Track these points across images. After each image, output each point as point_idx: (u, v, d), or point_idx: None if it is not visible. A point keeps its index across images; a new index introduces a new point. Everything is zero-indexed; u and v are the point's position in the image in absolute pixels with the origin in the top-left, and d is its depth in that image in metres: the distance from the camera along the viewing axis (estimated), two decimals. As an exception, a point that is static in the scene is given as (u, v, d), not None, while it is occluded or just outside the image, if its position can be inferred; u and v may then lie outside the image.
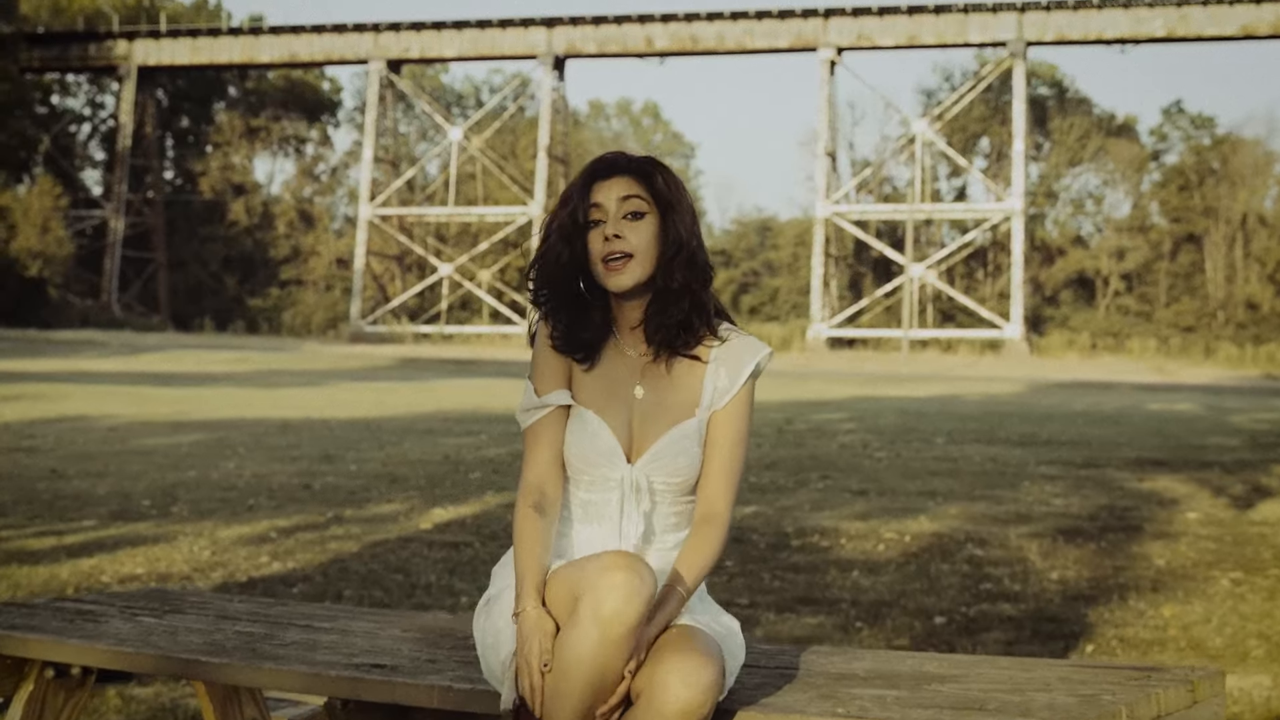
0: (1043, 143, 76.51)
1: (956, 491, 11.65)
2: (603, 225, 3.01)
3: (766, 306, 76.58)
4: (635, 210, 2.99)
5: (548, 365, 3.09)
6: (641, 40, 62.91)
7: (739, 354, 3.06)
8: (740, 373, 3.06)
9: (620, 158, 3.11)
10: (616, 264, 2.97)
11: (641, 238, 2.98)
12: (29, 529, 8.87)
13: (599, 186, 3.03)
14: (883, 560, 8.26)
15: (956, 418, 21.37)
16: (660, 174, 3.08)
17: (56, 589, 6.88)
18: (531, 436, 3.10)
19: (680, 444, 3.03)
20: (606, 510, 3.08)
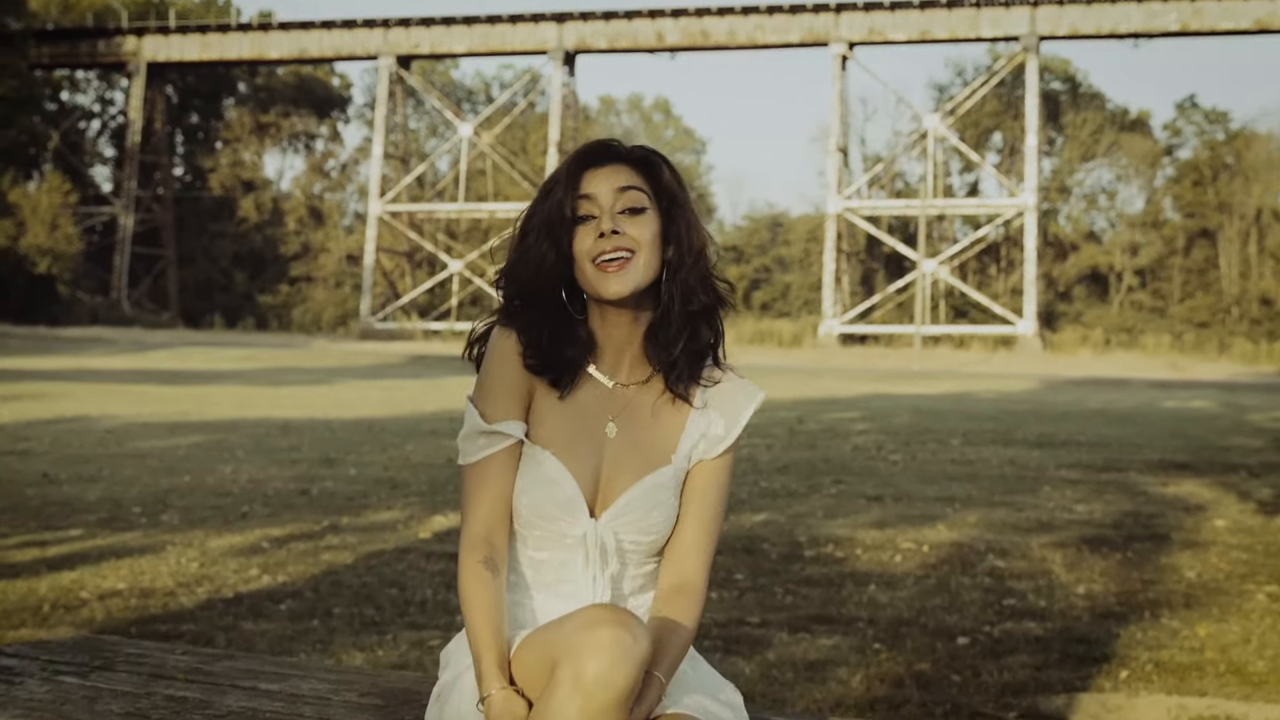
0: (1056, 138, 76.14)
1: (975, 497, 11.29)
2: (595, 220, 2.55)
3: (778, 303, 76.25)
4: (635, 205, 2.55)
5: (504, 386, 2.58)
6: (652, 35, 62.61)
7: (734, 398, 2.64)
8: (737, 420, 2.64)
9: (616, 144, 2.66)
10: (614, 265, 2.51)
11: (644, 233, 2.54)
12: (12, 539, 8.53)
13: (591, 175, 2.58)
14: (900, 573, 7.90)
15: (971, 417, 21.01)
16: (664, 166, 2.65)
17: (32, 605, 6.54)
18: (476, 476, 2.58)
19: (655, 495, 2.58)
20: (565, 573, 2.60)
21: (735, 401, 2.62)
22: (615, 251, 2.51)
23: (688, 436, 2.60)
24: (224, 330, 70.79)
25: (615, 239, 2.51)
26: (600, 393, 2.61)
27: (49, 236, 67.59)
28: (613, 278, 2.50)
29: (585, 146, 2.64)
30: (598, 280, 2.52)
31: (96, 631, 6.04)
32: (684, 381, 2.59)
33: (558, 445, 2.58)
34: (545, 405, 2.59)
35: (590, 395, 2.61)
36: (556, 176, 2.60)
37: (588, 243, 2.53)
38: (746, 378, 2.70)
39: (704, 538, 2.61)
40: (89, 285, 72.15)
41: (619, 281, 2.50)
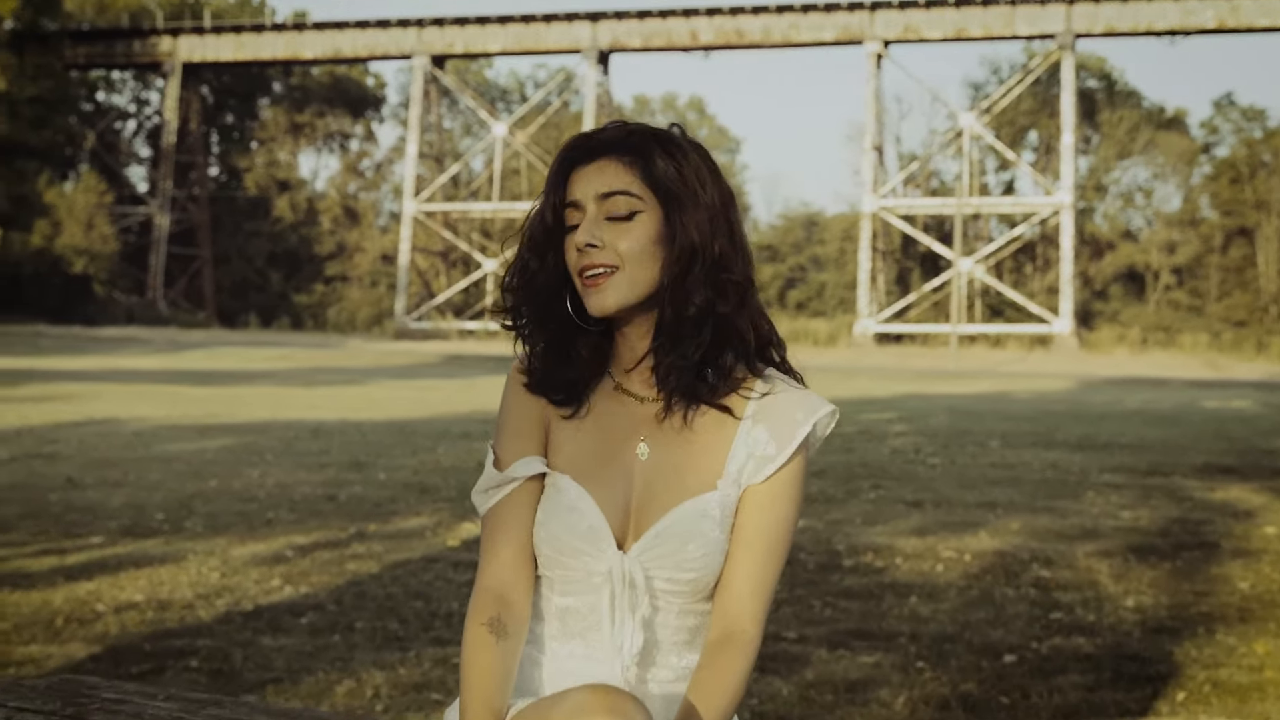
0: (1091, 136, 75.58)
1: (1017, 502, 11.01)
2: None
3: (813, 302, 75.92)
4: (618, 212, 2.23)
5: (517, 420, 2.33)
6: (686, 34, 62.35)
7: (788, 410, 2.27)
8: (789, 436, 2.26)
9: (606, 133, 2.30)
10: (593, 281, 2.22)
11: (631, 243, 2.22)
12: (31, 547, 8.34)
13: (578, 176, 2.28)
14: (942, 584, 7.65)
15: (1009, 418, 20.69)
16: (663, 153, 2.27)
17: (46, 618, 6.34)
18: (491, 524, 2.31)
19: (693, 525, 2.22)
20: (592, 619, 2.27)
21: (790, 415, 2.26)
22: (594, 267, 2.23)
23: (735, 456, 2.26)
24: (259, 330, 70.85)
25: (591, 254, 2.22)
26: (628, 411, 2.32)
27: (85, 236, 67.77)
28: (593, 293, 2.23)
29: (570, 141, 2.32)
30: (582, 295, 2.26)
31: (108, 648, 5.83)
32: (704, 395, 2.26)
33: (580, 469, 2.30)
34: (565, 429, 2.33)
35: (617, 413, 2.32)
36: (548, 175, 2.33)
37: (572, 255, 2.26)
38: (810, 388, 2.35)
39: (755, 579, 2.24)
40: (125, 285, 72.31)
41: (598, 298, 2.22)
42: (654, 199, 2.24)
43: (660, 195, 2.24)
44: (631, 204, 2.23)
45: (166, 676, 5.42)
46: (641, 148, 2.26)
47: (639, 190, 2.24)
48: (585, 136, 2.31)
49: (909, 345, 61.07)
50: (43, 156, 67.86)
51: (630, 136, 2.28)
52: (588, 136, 2.30)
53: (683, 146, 2.30)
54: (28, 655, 5.67)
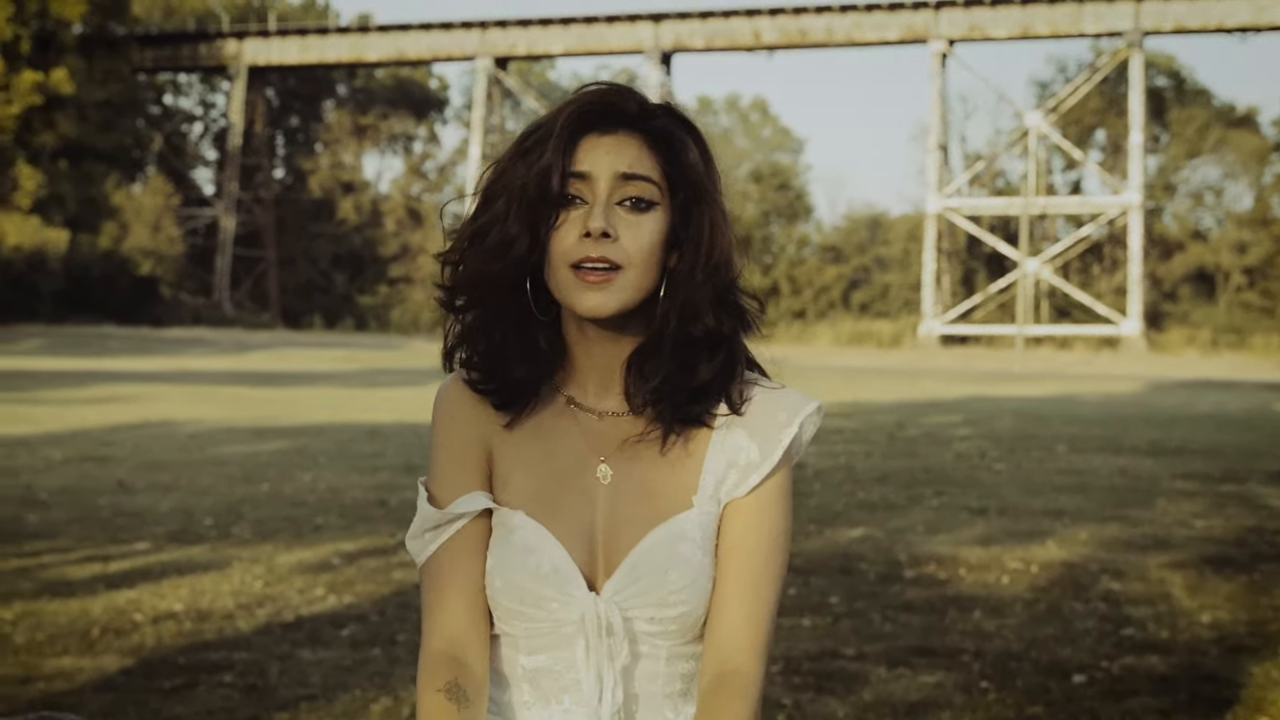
0: (1160, 134, 74.64)
1: (1085, 511, 10.69)
2: (584, 208, 1.91)
3: (877, 303, 75.38)
4: (640, 196, 1.91)
5: (454, 447, 2.00)
6: (749, 34, 62.05)
7: (769, 410, 1.98)
8: (774, 439, 1.97)
9: (629, 104, 1.96)
10: (595, 276, 1.88)
11: (641, 241, 1.90)
12: (76, 553, 8.20)
13: (592, 143, 1.93)
14: (1008, 597, 7.36)
15: (1076, 421, 20.31)
16: (694, 143, 1.96)
17: (82, 629, 6.17)
18: (432, 575, 1.98)
19: (671, 550, 1.93)
20: (569, 677, 1.96)
21: (772, 416, 1.97)
22: (600, 261, 1.88)
23: (711, 468, 1.96)
24: (324, 331, 71.06)
25: (603, 245, 1.88)
26: (584, 427, 1.99)
27: (152, 238, 68.20)
28: (591, 291, 1.88)
29: (589, 95, 1.95)
30: (572, 289, 1.89)
31: (142, 661, 5.65)
32: (675, 420, 1.96)
33: (534, 502, 1.97)
34: (511, 456, 1.99)
35: (570, 431, 2.00)
36: (544, 130, 1.93)
37: (569, 239, 1.90)
38: (789, 386, 2.04)
39: (748, 607, 1.94)
40: (191, 286, 72.70)
41: (599, 297, 1.88)
42: (668, 195, 1.94)
43: (681, 192, 1.94)
44: (652, 193, 1.92)
45: (198, 692, 5.23)
46: (671, 133, 1.96)
47: (660, 180, 1.93)
48: (604, 98, 1.95)
49: (974, 347, 60.49)
50: (110, 159, 68.29)
51: (655, 118, 1.96)
52: (608, 102, 1.95)
53: (704, 139, 2.00)
54: (59, 668, 5.50)
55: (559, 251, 1.90)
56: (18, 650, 5.78)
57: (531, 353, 1.96)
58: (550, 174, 1.89)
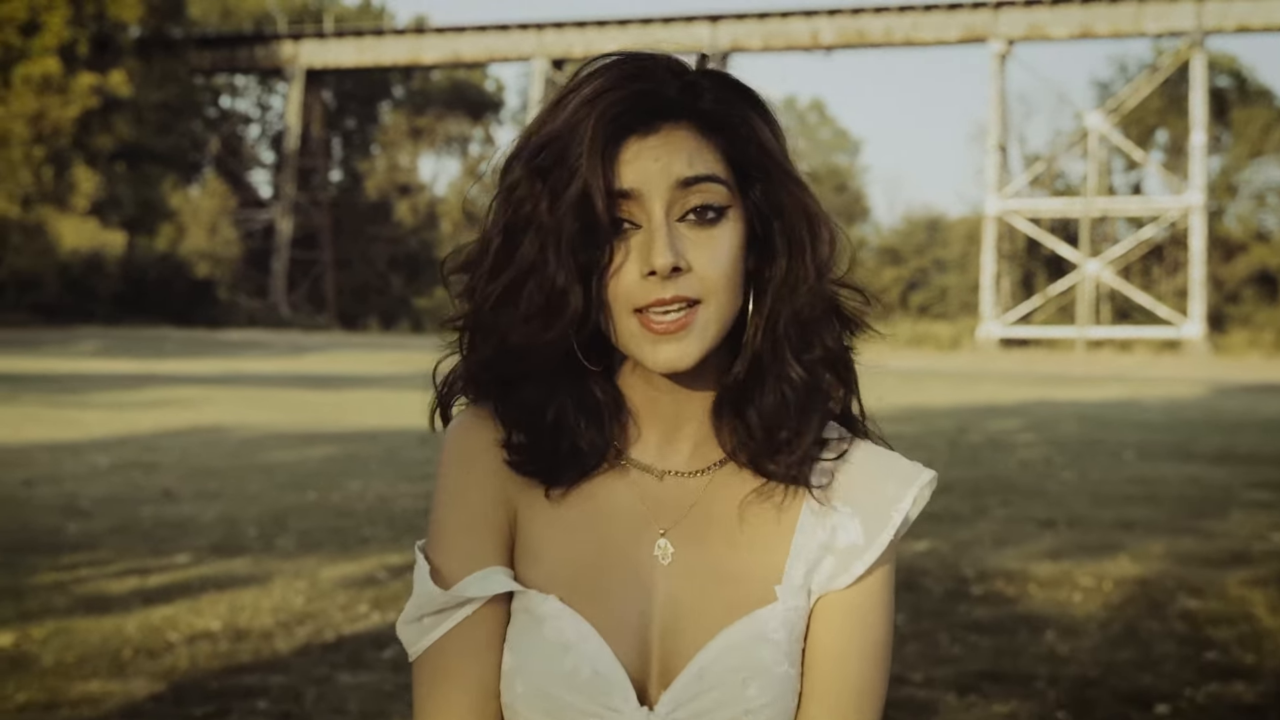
0: (1222, 135, 73.74)
1: (1157, 522, 10.31)
2: (638, 234, 1.45)
3: (936, 305, 74.84)
4: (708, 204, 1.47)
5: (467, 508, 1.54)
6: (807, 35, 61.64)
7: (875, 481, 1.55)
8: (882, 518, 1.53)
9: (666, 78, 1.49)
10: (669, 323, 1.44)
11: (720, 262, 1.46)
12: (115, 565, 7.98)
13: (633, 151, 1.46)
14: (1081, 616, 7.02)
15: (1142, 426, 19.84)
16: (759, 117, 1.52)
17: (114, 649, 5.92)
18: (429, 672, 1.53)
19: (750, 656, 1.49)
20: None
21: (879, 487, 1.54)
22: (675, 303, 1.44)
23: (800, 552, 1.53)
24: (380, 333, 71.10)
25: (676, 282, 1.44)
26: (640, 490, 1.55)
27: (209, 240, 68.48)
28: (667, 343, 1.44)
29: (614, 85, 1.47)
30: (641, 342, 1.45)
31: (173, 685, 5.39)
32: (789, 468, 1.52)
33: (571, 584, 1.53)
34: (544, 522, 1.55)
35: (622, 495, 1.55)
36: (563, 140, 1.46)
37: (628, 279, 1.45)
38: (896, 449, 1.60)
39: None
40: (247, 288, 72.90)
41: (677, 349, 1.44)
42: (739, 188, 1.50)
43: (756, 179, 1.51)
44: (721, 196, 1.48)
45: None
46: (728, 109, 1.51)
47: (726, 174, 1.49)
48: (635, 87, 1.47)
49: (1033, 349, 59.85)
50: (168, 162, 68.61)
51: (704, 91, 1.50)
52: (640, 91, 1.47)
53: (769, 109, 1.54)
54: (85, 693, 5.25)
55: (618, 296, 1.46)
56: (45, 673, 5.54)
57: (593, 419, 1.54)
58: (591, 199, 1.44)
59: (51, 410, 19.19)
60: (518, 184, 1.48)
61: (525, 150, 1.49)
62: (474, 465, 1.55)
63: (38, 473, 12.21)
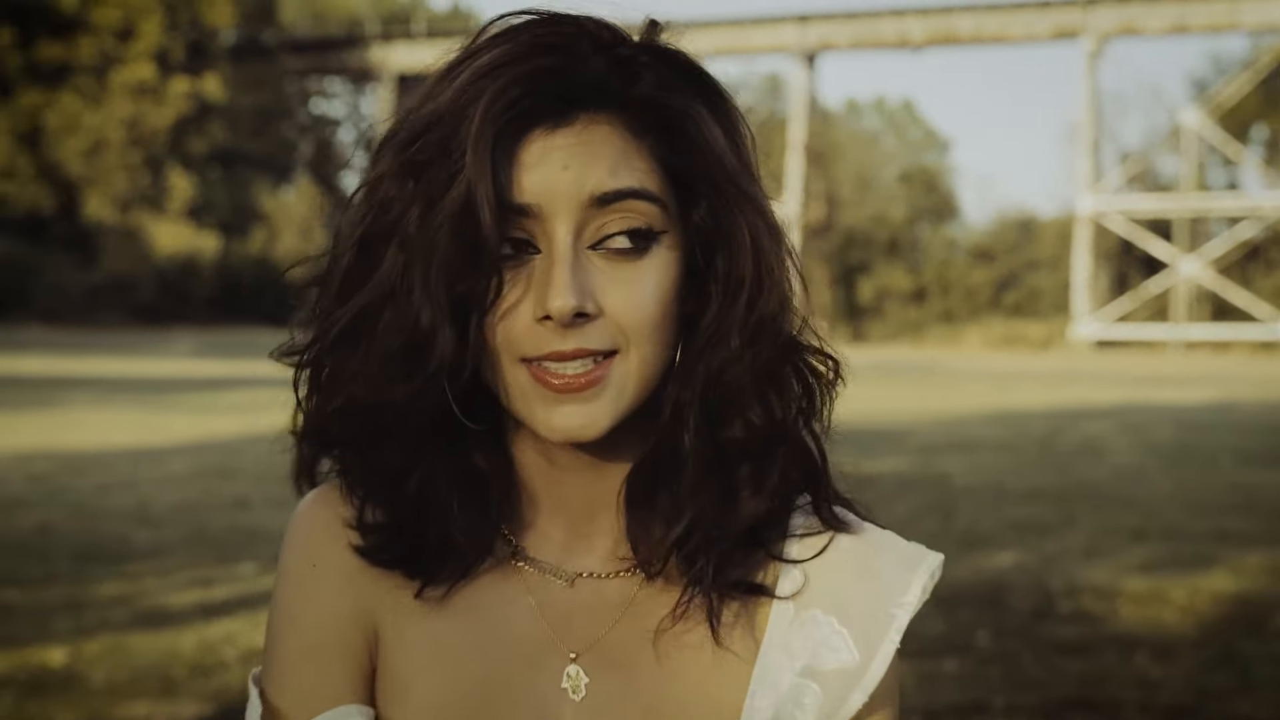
0: (1323, 130, 72.40)
1: (1255, 534, 9.92)
2: (533, 261, 1.11)
3: (1027, 304, 73.98)
4: (633, 229, 1.11)
5: (315, 623, 1.19)
6: (896, 34, 61.15)
7: (869, 574, 1.18)
8: (880, 624, 1.16)
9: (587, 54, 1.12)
10: (571, 379, 1.10)
11: (644, 304, 1.11)
12: (177, 577, 7.84)
13: (536, 149, 1.09)
14: (1174, 636, 6.70)
15: (1240, 431, 19.33)
16: (706, 100, 1.15)
17: (165, 667, 5.76)
18: None
19: None
20: None
21: (874, 582, 1.17)
22: (580, 356, 1.10)
23: (767, 682, 1.15)
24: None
25: (581, 331, 1.09)
26: (541, 599, 1.19)
27: (301, 243, 68.94)
28: (567, 405, 1.10)
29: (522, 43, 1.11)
30: (533, 402, 1.11)
31: (221, 709, 5.21)
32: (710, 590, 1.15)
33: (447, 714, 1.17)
34: (410, 644, 1.19)
35: (518, 606, 1.19)
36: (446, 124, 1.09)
37: (519, 320, 1.10)
38: (890, 530, 1.22)
39: None
40: (339, 291, 73.55)
41: (581, 414, 1.10)
42: (675, 207, 1.14)
43: (700, 195, 1.14)
44: (653, 218, 1.12)
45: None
46: (667, 98, 1.13)
47: (661, 190, 1.13)
48: (544, 63, 1.10)
49: (1127, 350, 59.00)
50: (261, 165, 69.29)
51: (639, 73, 1.13)
52: (550, 68, 1.10)
53: (723, 91, 1.17)
54: (131, 715, 5.08)
55: (504, 341, 1.11)
56: (94, 692, 5.38)
57: (472, 497, 1.16)
58: (475, 211, 1.07)
59: (138, 415, 19.21)
60: (382, 180, 1.12)
61: (397, 135, 1.13)
62: (321, 565, 1.22)
63: (115, 479, 12.15)
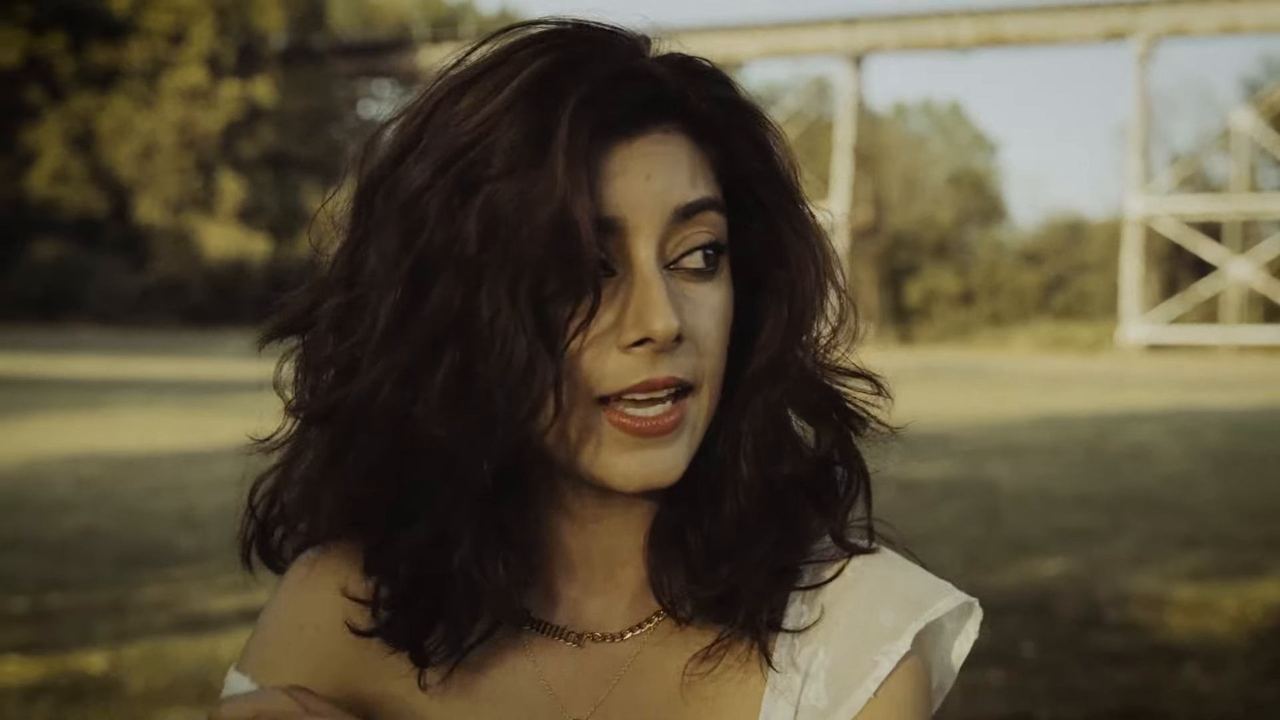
0: (1377, 132, 71.72)
1: (1307, 541, 9.82)
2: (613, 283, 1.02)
3: (1076, 307, 73.56)
4: (709, 243, 1.04)
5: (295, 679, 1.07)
6: (944, 36, 60.90)
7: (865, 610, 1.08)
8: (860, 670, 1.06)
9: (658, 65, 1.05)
10: (657, 418, 1.01)
11: (715, 331, 1.04)
12: (219, 580, 7.83)
13: (618, 161, 1.01)
14: (1224, 646, 6.62)
15: (1292, 436, 19.17)
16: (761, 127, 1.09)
17: (202, 673, 5.76)
18: None
19: None
20: None
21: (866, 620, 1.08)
22: (670, 384, 1.02)
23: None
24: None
25: (674, 358, 1.02)
26: (547, 665, 1.11)
27: (347, 246, 69.46)
28: (652, 448, 1.02)
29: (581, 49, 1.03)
30: (607, 449, 1.03)
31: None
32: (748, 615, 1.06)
33: None
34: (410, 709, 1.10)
35: (522, 674, 1.11)
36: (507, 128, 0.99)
37: (607, 352, 1.01)
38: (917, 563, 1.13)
39: None
40: (385, 293, 73.86)
41: (665, 457, 1.03)
42: (724, 223, 1.06)
43: (753, 216, 1.09)
44: (720, 232, 1.06)
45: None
46: (727, 114, 1.07)
47: (721, 200, 1.06)
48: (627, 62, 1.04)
49: (1177, 353, 58.56)
50: (310, 168, 69.59)
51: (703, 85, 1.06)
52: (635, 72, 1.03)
53: (754, 99, 1.09)
54: (166, 724, 5.10)
55: (585, 375, 1.01)
56: (131, 699, 5.40)
57: (503, 564, 1.04)
58: (571, 228, 0.97)
59: (186, 418, 19.33)
60: (419, 198, 1.01)
61: (426, 150, 1.02)
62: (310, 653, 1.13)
63: (161, 482, 12.22)
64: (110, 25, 58.28)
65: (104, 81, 58.93)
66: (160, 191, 60.07)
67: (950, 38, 60.88)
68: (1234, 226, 59.77)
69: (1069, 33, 59.41)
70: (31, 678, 5.58)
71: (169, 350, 39.95)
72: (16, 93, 56.82)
